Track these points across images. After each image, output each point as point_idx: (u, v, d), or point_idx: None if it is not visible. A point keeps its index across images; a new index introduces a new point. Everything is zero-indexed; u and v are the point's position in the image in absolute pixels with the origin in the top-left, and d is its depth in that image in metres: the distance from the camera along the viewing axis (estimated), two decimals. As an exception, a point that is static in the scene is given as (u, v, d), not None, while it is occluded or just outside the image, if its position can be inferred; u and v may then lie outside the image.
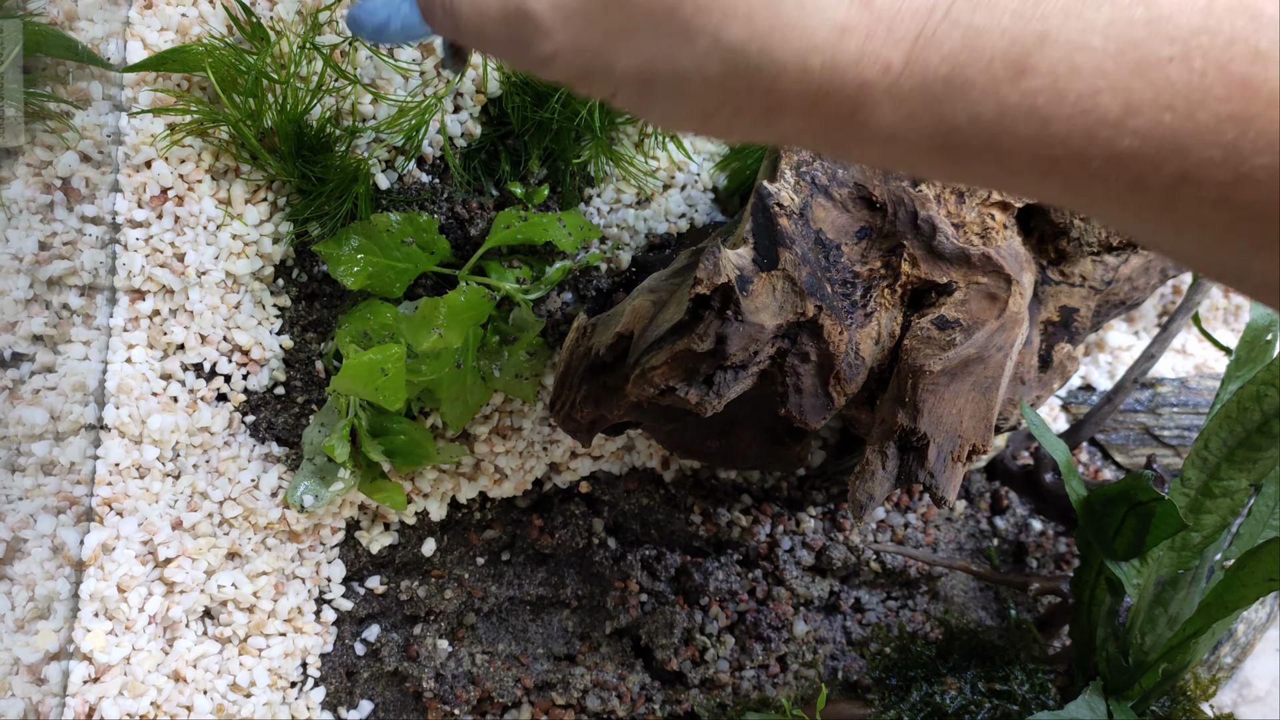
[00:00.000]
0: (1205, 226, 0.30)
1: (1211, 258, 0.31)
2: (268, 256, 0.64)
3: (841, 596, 0.73)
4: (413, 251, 0.63)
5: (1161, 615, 0.64)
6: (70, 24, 0.59)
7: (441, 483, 0.68)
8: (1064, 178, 0.31)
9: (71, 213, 0.59)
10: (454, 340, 0.61)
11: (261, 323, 0.64)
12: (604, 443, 0.70)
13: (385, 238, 0.62)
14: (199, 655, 0.63)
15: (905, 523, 0.75)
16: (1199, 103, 0.29)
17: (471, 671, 0.67)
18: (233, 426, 0.64)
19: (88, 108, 0.60)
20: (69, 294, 0.60)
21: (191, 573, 0.63)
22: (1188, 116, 0.29)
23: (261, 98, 0.61)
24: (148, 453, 0.62)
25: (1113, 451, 0.80)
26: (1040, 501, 0.76)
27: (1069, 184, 0.32)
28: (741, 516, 0.72)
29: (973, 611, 0.75)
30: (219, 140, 0.63)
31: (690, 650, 0.69)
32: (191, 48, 0.61)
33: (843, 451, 0.74)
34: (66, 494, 0.60)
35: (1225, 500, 0.61)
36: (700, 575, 0.70)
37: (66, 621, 0.60)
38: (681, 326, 0.54)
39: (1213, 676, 0.74)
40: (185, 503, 0.63)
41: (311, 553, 0.66)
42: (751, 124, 0.36)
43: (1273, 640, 0.78)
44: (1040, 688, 0.68)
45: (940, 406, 0.56)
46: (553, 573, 0.70)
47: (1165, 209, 0.30)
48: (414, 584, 0.68)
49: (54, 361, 0.60)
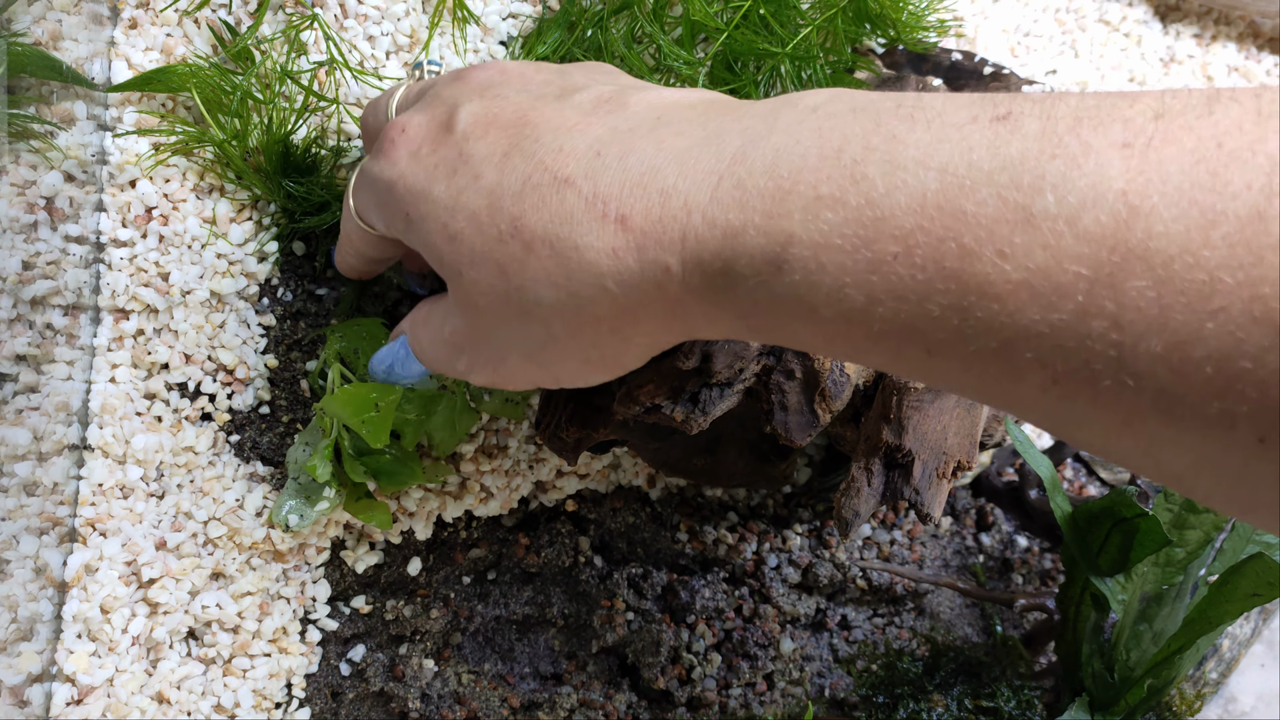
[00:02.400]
0: (965, 388, 0.33)
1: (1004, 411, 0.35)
2: (252, 275, 0.64)
3: (828, 614, 0.73)
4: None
5: (1146, 631, 0.64)
6: (55, 44, 0.59)
7: (427, 502, 0.67)
8: (841, 349, 0.35)
9: (55, 232, 0.59)
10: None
11: (246, 342, 0.64)
12: (590, 461, 0.70)
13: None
14: (183, 677, 0.62)
15: (891, 540, 0.75)
16: (926, 295, 0.31)
17: (458, 691, 0.67)
18: (217, 446, 0.64)
19: (72, 127, 0.60)
20: (52, 313, 0.60)
21: (175, 593, 0.62)
22: (919, 305, 0.32)
23: (246, 118, 0.61)
24: (131, 473, 0.62)
25: (1097, 468, 0.80)
26: (1025, 518, 0.76)
27: (847, 353, 0.35)
28: (728, 534, 0.72)
29: (959, 628, 0.75)
30: (204, 160, 0.63)
31: (677, 669, 0.69)
32: (176, 68, 0.61)
33: (829, 469, 0.74)
34: (49, 515, 0.60)
35: (1209, 516, 0.62)
36: (687, 593, 0.70)
37: (49, 643, 0.60)
38: (667, 344, 0.54)
39: (1198, 692, 0.74)
40: (169, 523, 0.63)
41: (296, 573, 0.65)
42: (617, 344, 0.41)
43: (1258, 655, 0.78)
44: (1026, 704, 0.68)
45: (925, 423, 0.56)
46: (539, 591, 0.70)
47: (927, 374, 0.33)
48: (400, 604, 0.67)
49: (37, 381, 0.59)
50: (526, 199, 0.39)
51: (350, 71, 0.64)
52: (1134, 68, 0.87)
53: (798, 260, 0.33)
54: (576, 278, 0.39)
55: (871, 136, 0.33)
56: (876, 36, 0.69)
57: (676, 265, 0.37)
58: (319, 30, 0.64)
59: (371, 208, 0.48)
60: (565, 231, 0.38)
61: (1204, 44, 0.90)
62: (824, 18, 0.64)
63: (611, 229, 0.37)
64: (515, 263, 0.40)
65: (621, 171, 0.38)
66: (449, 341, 0.47)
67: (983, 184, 0.30)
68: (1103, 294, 0.28)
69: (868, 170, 0.32)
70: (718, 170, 0.36)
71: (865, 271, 0.32)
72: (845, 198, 0.33)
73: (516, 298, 0.41)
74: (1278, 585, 0.53)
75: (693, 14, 0.64)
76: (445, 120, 0.43)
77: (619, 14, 0.66)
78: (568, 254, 0.38)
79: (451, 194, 0.42)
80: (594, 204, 0.38)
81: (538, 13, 0.69)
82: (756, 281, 0.35)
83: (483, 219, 0.40)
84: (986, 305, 0.30)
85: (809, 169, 0.34)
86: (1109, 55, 0.87)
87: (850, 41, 0.67)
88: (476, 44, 0.68)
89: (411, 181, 0.43)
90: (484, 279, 0.41)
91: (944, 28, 0.71)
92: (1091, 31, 0.88)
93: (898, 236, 0.31)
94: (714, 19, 0.64)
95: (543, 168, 0.39)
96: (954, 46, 0.80)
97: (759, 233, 0.34)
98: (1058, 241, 0.29)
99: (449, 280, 0.44)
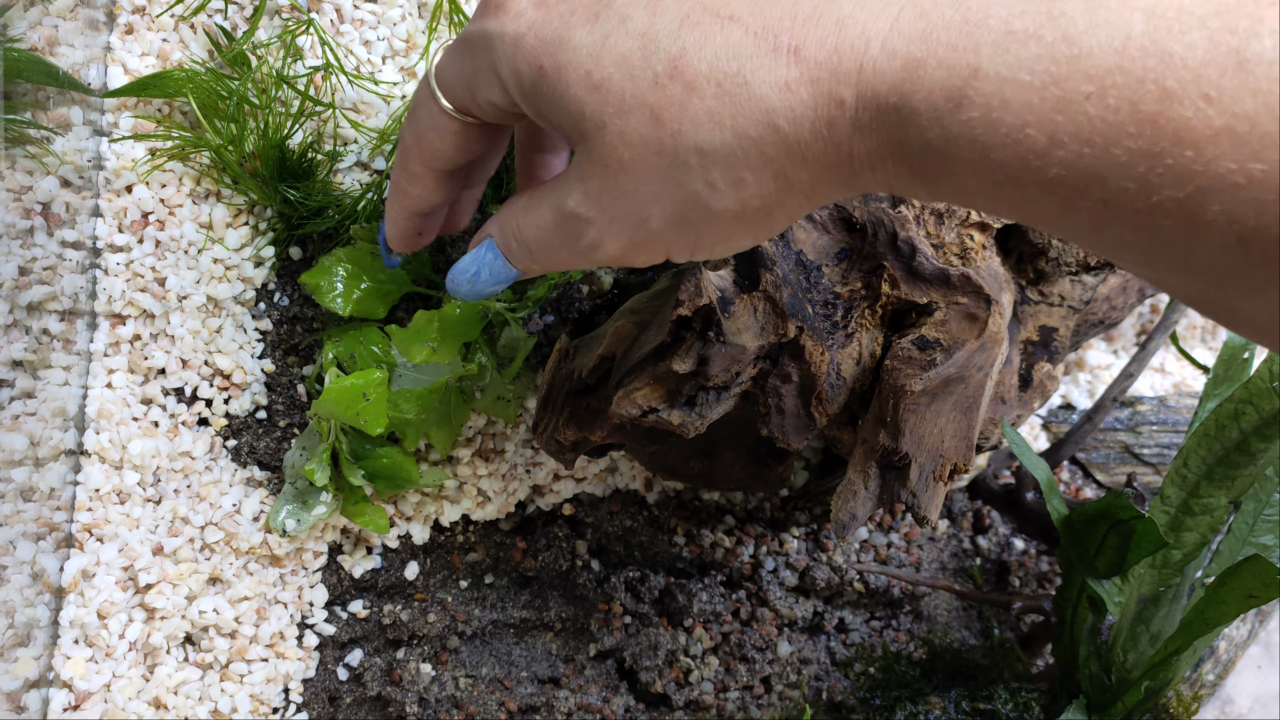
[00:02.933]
0: (1129, 248, 0.32)
1: (1146, 276, 0.33)
2: (249, 280, 0.64)
3: (825, 617, 0.73)
4: (396, 272, 0.63)
5: (1143, 633, 0.64)
6: (51, 49, 0.59)
7: (424, 506, 0.67)
8: (1008, 199, 0.34)
9: (52, 238, 0.59)
10: (446, 355, 0.62)
11: (243, 346, 0.64)
12: (587, 465, 0.70)
13: (370, 260, 0.62)
14: (180, 682, 0.62)
15: (888, 542, 0.75)
16: (1114, 139, 0.30)
17: (455, 695, 0.67)
18: (214, 451, 0.64)
19: (68, 133, 0.60)
20: (49, 319, 0.60)
21: (172, 598, 0.62)
22: (1104, 150, 0.30)
23: (243, 123, 0.61)
24: (128, 478, 0.62)
25: (1093, 470, 0.80)
26: (1022, 520, 0.76)
27: (1013, 205, 0.34)
28: (725, 537, 0.72)
29: (956, 631, 0.75)
30: (200, 165, 0.63)
31: (674, 672, 0.69)
32: (173, 73, 0.61)
33: (825, 472, 0.74)
34: (46, 520, 0.60)
35: (1205, 518, 0.62)
36: (684, 597, 0.70)
37: (46, 649, 0.60)
38: (663, 348, 0.54)
39: (1195, 694, 0.74)
40: (166, 528, 0.63)
41: (294, 577, 0.65)
42: (777, 193, 0.39)
43: (1254, 657, 0.78)
44: (1024, 706, 0.68)
45: (921, 426, 0.56)
46: (536, 595, 0.70)
47: (1095, 231, 0.32)
48: (397, 608, 0.67)
49: (34, 387, 0.59)
50: (686, 37, 0.37)
51: (346, 76, 0.64)
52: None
53: (979, 96, 0.32)
54: (745, 115, 0.36)
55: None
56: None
57: (851, 98, 0.35)
58: (315, 35, 0.64)
59: (481, 74, 0.43)
60: (733, 68, 0.36)
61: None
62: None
63: (784, 61, 0.35)
64: (674, 106, 0.37)
65: (792, 2, 0.36)
66: (573, 214, 0.42)
67: (1194, 27, 0.29)
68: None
69: (1066, 6, 0.31)
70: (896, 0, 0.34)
71: (1052, 110, 0.31)
72: (1040, 32, 0.31)
73: (672, 145, 0.38)
74: (1274, 587, 0.54)
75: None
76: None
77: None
78: (735, 91, 0.36)
79: (596, 39, 0.38)
80: (764, 37, 0.36)
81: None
82: (932, 118, 0.33)
83: (634, 61, 0.37)
84: (1180, 152, 0.29)
85: (1001, 1, 0.32)
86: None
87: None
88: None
89: (544, 31, 0.40)
90: (634, 127, 0.38)
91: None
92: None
93: (1093, 75, 0.30)
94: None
95: (701, 6, 0.37)
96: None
97: (940, 65, 0.33)
98: (1271, 87, 0.28)
99: (585, 137, 0.40)
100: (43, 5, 0.59)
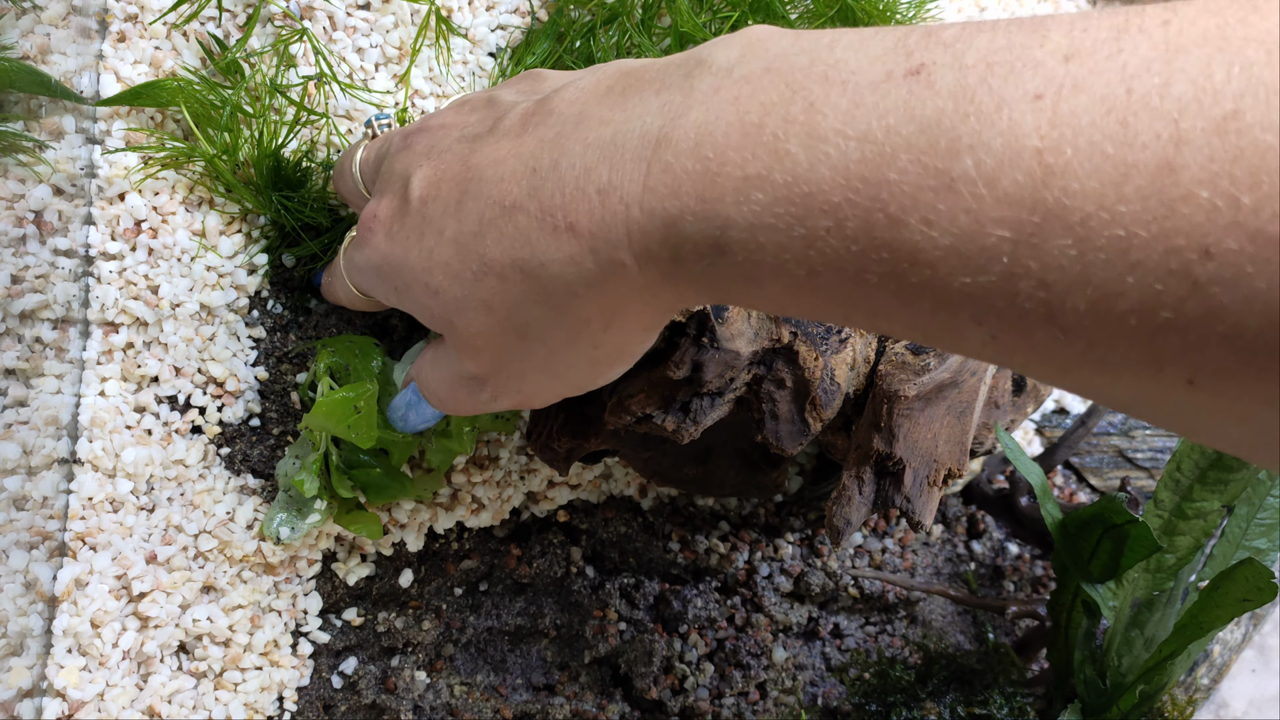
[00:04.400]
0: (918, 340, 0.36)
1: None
2: (242, 288, 0.64)
3: (820, 622, 0.73)
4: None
5: (1138, 637, 0.64)
6: (43, 57, 0.59)
7: (418, 513, 0.67)
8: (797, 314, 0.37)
9: (44, 246, 0.59)
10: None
11: (236, 354, 0.64)
12: (582, 471, 0.70)
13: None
14: (174, 690, 0.62)
15: (883, 548, 0.75)
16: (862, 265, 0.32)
17: (450, 703, 0.67)
18: (207, 459, 0.64)
19: (60, 141, 0.60)
20: (42, 327, 0.60)
21: (166, 607, 0.62)
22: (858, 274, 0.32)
23: (236, 132, 0.61)
24: (121, 486, 0.62)
25: (1087, 474, 0.80)
26: (1016, 525, 0.76)
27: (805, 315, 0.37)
28: (720, 543, 0.72)
29: (951, 636, 0.75)
30: (193, 173, 0.63)
31: (670, 679, 0.69)
32: (165, 83, 0.61)
33: (820, 477, 0.74)
34: (39, 529, 0.60)
35: (1198, 521, 0.62)
36: (679, 603, 0.70)
37: (39, 658, 0.60)
38: (658, 354, 0.54)
39: (1190, 698, 0.75)
40: (160, 536, 0.63)
41: (288, 585, 0.65)
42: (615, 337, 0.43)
43: (1249, 660, 0.78)
44: (1019, 711, 0.68)
45: (916, 431, 0.56)
46: (531, 602, 0.70)
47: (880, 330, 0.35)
48: (391, 615, 0.67)
49: (26, 395, 0.59)
50: (487, 235, 0.41)
51: (339, 84, 0.64)
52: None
53: (737, 243, 0.34)
54: (551, 291, 0.40)
55: (790, 106, 0.33)
56: (864, 46, 0.69)
57: (630, 259, 0.37)
58: (308, 43, 0.64)
59: (365, 286, 0.51)
60: (527, 253, 0.40)
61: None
62: (811, 28, 0.65)
63: (564, 238, 0.39)
64: (495, 295, 0.42)
65: (558, 179, 0.39)
66: (466, 382, 0.48)
67: (902, 150, 0.30)
68: (1026, 255, 0.29)
69: (790, 146, 0.32)
70: (644, 156, 0.36)
71: (803, 247, 0.33)
72: (772, 175, 0.33)
73: (509, 325, 0.43)
74: (1268, 590, 0.54)
75: (681, 25, 0.64)
76: (403, 194, 0.46)
77: (608, 25, 0.66)
78: (536, 273, 0.40)
79: (424, 255, 0.44)
80: (544, 219, 0.39)
81: (526, 24, 0.70)
82: (704, 265, 0.36)
83: (455, 267, 0.43)
84: (920, 271, 0.31)
85: (733, 148, 0.34)
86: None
87: (838, 51, 0.67)
88: (465, 55, 0.68)
89: (391, 258, 0.46)
90: (474, 320, 0.43)
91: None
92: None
93: (827, 211, 0.32)
94: (702, 29, 0.64)
95: (491, 202, 0.41)
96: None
97: (696, 218, 0.35)
98: (979, 205, 0.29)
99: (446, 334, 0.46)
100: (35, 13, 0.59)
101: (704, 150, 0.34)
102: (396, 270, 0.46)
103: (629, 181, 0.37)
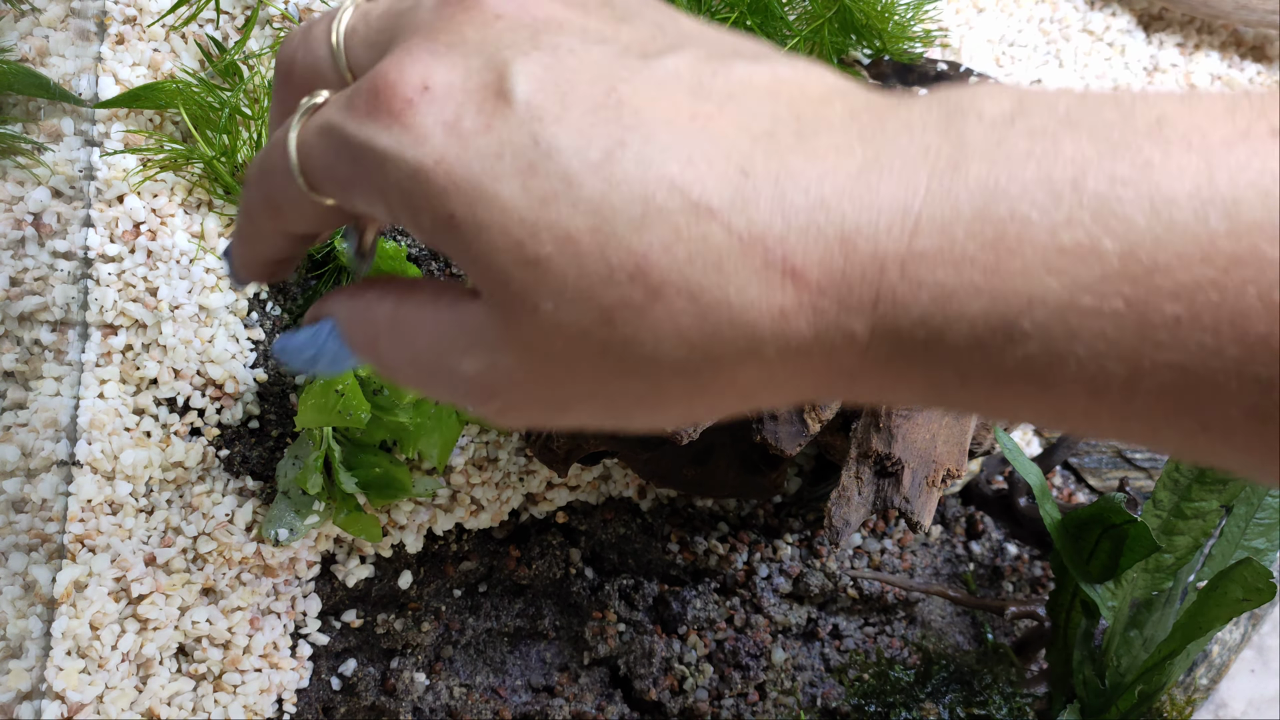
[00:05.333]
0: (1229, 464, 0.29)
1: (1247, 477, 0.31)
2: (241, 290, 0.64)
3: (819, 623, 0.73)
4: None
5: (1137, 637, 0.64)
6: (42, 60, 0.59)
7: (417, 515, 0.67)
8: (1072, 427, 0.30)
9: (43, 248, 0.59)
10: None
11: (235, 356, 0.64)
12: (581, 472, 0.70)
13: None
14: (173, 693, 0.62)
15: (882, 548, 0.75)
16: (1215, 366, 0.26)
17: (450, 705, 0.67)
18: (206, 461, 0.64)
19: (59, 143, 0.60)
20: (40, 330, 0.60)
21: (165, 609, 0.62)
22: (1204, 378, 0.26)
23: (235, 134, 0.61)
24: (120, 488, 0.62)
25: (1086, 475, 0.80)
26: (1015, 525, 0.77)
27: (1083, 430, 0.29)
28: (719, 544, 0.72)
29: (950, 636, 0.75)
30: (192, 175, 0.63)
31: (669, 679, 0.69)
32: (164, 85, 0.61)
33: (818, 478, 0.74)
34: (38, 531, 0.60)
35: (1197, 521, 0.62)
36: (678, 604, 0.70)
37: (38, 660, 0.60)
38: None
39: (1189, 698, 0.75)
40: (159, 538, 0.63)
41: (287, 587, 0.65)
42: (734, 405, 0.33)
43: (1248, 661, 0.78)
44: (1018, 711, 0.69)
45: (914, 432, 0.56)
46: (530, 604, 0.70)
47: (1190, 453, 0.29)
48: (391, 617, 0.67)
49: (25, 398, 0.59)
50: (653, 229, 0.29)
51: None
52: (1118, 76, 0.88)
53: (1038, 329, 0.27)
54: (722, 338, 0.29)
55: (1114, 164, 0.26)
56: (863, 47, 0.70)
57: (864, 332, 0.29)
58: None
59: (359, 186, 0.33)
60: (712, 281, 0.29)
61: (1187, 53, 0.91)
62: (810, 29, 0.65)
63: (778, 283, 0.29)
64: (632, 310, 0.30)
65: (780, 201, 0.29)
66: (470, 379, 0.34)
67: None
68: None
69: (1126, 210, 0.26)
70: (911, 209, 0.28)
71: (1135, 340, 0.26)
72: (1099, 246, 0.26)
73: (620, 351, 0.30)
74: (1266, 590, 0.54)
75: (679, 26, 0.64)
76: (494, 83, 0.30)
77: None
78: (713, 310, 0.29)
79: (532, 201, 0.30)
80: (752, 247, 0.29)
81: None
82: (977, 354, 0.28)
83: (585, 247, 0.30)
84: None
85: (1039, 209, 0.27)
86: (1093, 65, 0.88)
87: (837, 53, 0.68)
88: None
89: (458, 171, 0.30)
90: (575, 321, 0.30)
91: (929, 38, 0.71)
92: (1075, 41, 0.88)
93: (1178, 294, 0.25)
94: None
95: (669, 184, 0.29)
96: (939, 57, 0.81)
97: (980, 295, 0.27)
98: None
99: (505, 309, 0.31)
100: (33, 16, 0.59)
101: (996, 211, 0.27)
102: (463, 194, 0.30)
103: (889, 235, 0.28)
